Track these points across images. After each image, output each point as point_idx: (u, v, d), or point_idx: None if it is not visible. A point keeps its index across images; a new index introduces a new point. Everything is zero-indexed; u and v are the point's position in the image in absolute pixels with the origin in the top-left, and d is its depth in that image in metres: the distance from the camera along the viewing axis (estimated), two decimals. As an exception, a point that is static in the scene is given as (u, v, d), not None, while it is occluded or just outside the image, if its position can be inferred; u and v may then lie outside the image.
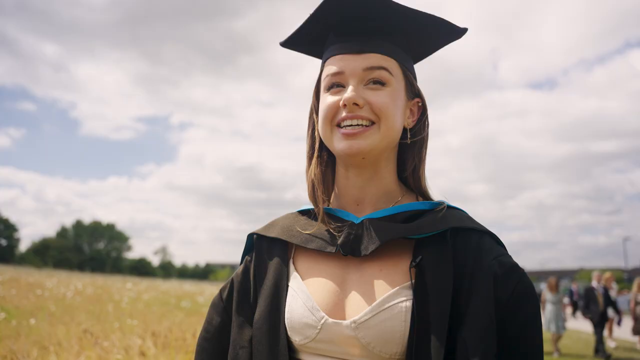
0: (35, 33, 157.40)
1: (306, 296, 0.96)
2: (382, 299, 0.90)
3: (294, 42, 1.10)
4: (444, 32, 1.04)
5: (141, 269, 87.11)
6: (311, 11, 1.01)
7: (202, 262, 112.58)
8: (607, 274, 11.18)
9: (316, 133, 1.06)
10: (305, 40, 1.08)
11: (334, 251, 0.98)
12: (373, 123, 0.95)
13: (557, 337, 10.31)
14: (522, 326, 0.88)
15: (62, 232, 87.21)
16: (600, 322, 10.15)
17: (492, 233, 0.97)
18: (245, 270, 1.12)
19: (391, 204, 1.02)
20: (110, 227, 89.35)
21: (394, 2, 0.97)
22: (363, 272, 0.96)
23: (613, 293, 11.33)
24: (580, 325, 16.85)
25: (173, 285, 26.97)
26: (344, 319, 0.92)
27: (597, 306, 10.13)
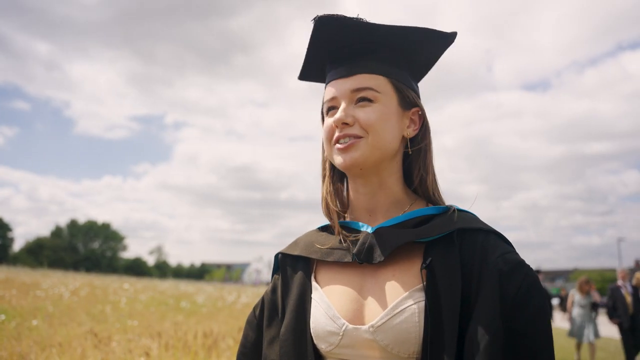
0: (28, 31, 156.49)
1: (327, 305, 1.04)
2: (395, 302, 0.97)
3: (306, 75, 1.21)
4: (434, 41, 1.10)
5: (136, 268, 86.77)
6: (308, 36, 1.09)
7: (197, 262, 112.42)
8: (639, 274, 9.24)
9: (326, 154, 1.14)
10: (314, 71, 1.19)
11: (350, 261, 1.05)
12: (362, 137, 1.03)
13: (592, 347, 9.06)
14: (530, 320, 0.91)
15: (57, 232, 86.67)
16: (630, 329, 8.62)
17: (497, 232, 1.02)
18: (274, 288, 1.20)
19: (402, 212, 1.09)
20: (105, 227, 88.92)
21: (374, 24, 1.05)
22: (378, 278, 1.03)
23: None
24: (607, 332, 15.03)
25: (170, 285, 26.89)
26: (363, 324, 0.99)
27: (625, 309, 8.64)
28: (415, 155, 1.12)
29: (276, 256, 1.23)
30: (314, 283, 1.11)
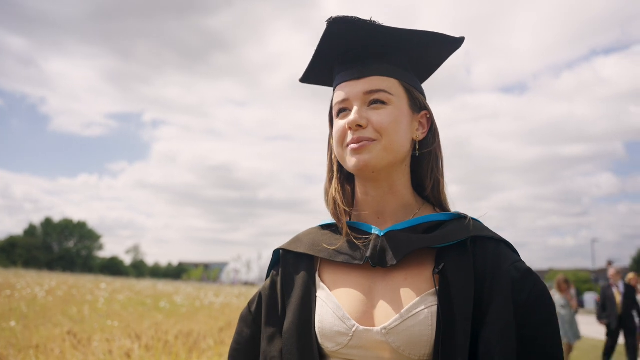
0: (2, 25, 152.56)
1: (336, 306, 1.03)
2: (409, 306, 0.98)
3: (310, 78, 1.21)
4: (442, 45, 1.12)
5: (112, 268, 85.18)
6: (313, 42, 1.10)
7: (174, 261, 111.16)
8: (631, 274, 8.91)
9: (333, 156, 1.15)
10: (319, 73, 1.19)
11: (362, 263, 1.04)
12: (375, 140, 1.03)
13: (569, 348, 8.72)
14: (540, 325, 0.96)
15: (31, 230, 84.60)
16: (618, 329, 8.33)
17: (507, 241, 1.06)
18: (272, 284, 1.18)
19: (410, 216, 1.10)
20: (81, 225, 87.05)
21: (387, 27, 1.05)
22: (389, 282, 1.03)
23: None
24: (590, 331, 14.81)
25: (147, 285, 26.52)
26: (373, 326, 1.00)
27: (613, 308, 8.32)
28: (425, 159, 1.12)
29: (276, 252, 1.21)
30: (319, 282, 1.10)
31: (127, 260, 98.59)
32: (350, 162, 1.05)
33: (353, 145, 1.03)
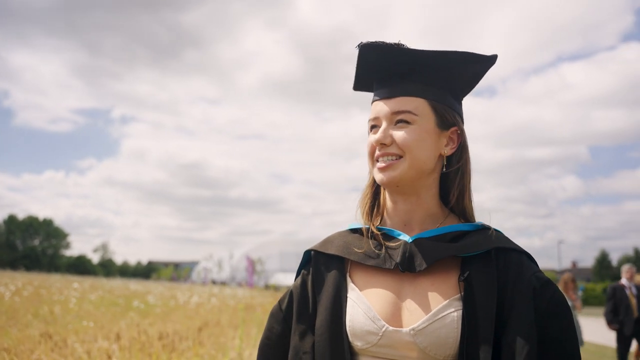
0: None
1: (366, 307, 1.10)
2: (437, 309, 1.05)
3: (359, 88, 1.29)
4: (474, 62, 1.18)
5: (80, 266, 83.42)
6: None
7: (144, 260, 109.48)
8: (637, 276, 8.17)
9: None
10: (364, 86, 1.28)
11: (392, 267, 1.11)
12: (401, 156, 1.11)
13: None
14: (560, 331, 1.03)
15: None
16: (632, 335, 7.56)
17: (528, 253, 1.14)
18: (303, 283, 1.25)
19: (436, 225, 1.17)
20: (47, 223, 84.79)
21: (412, 50, 1.13)
22: (417, 286, 1.11)
23: None
24: (593, 336, 13.81)
25: (118, 285, 26.02)
26: (402, 326, 1.07)
27: (629, 312, 7.47)
28: (452, 175, 1.19)
29: (307, 252, 1.28)
30: (350, 283, 1.16)
31: (95, 258, 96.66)
32: (377, 176, 1.15)
33: (378, 164, 1.13)
